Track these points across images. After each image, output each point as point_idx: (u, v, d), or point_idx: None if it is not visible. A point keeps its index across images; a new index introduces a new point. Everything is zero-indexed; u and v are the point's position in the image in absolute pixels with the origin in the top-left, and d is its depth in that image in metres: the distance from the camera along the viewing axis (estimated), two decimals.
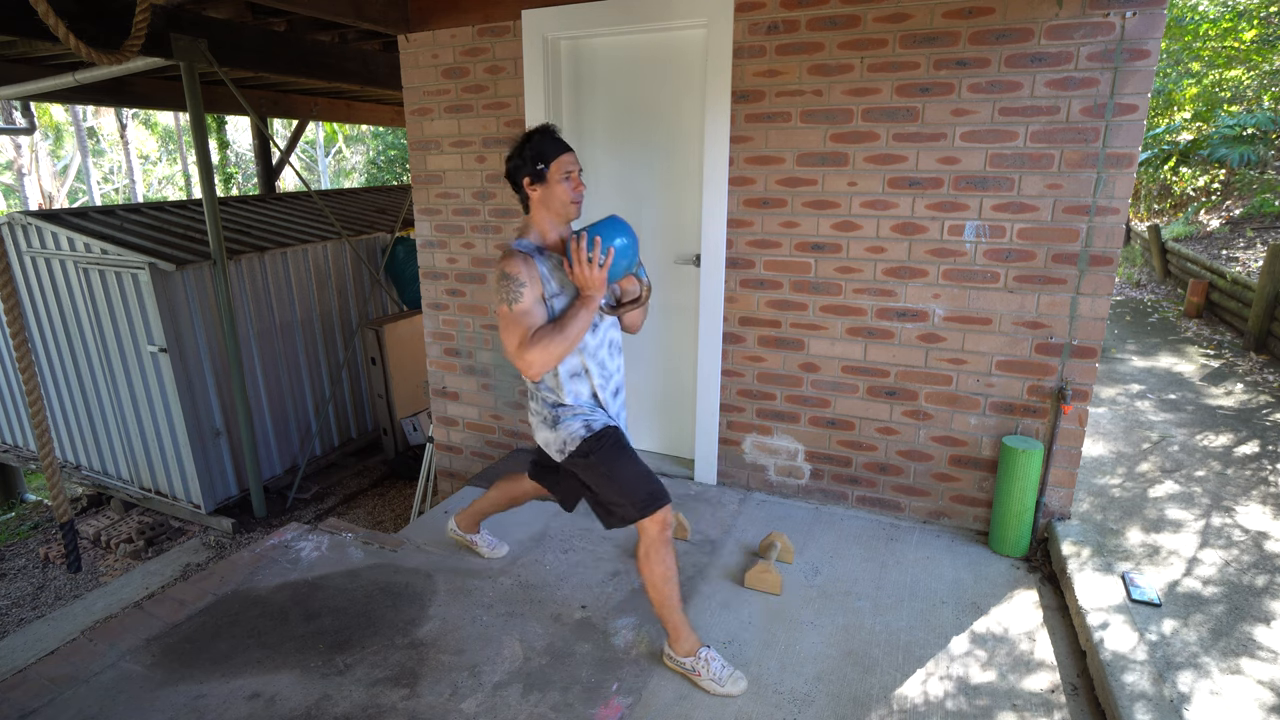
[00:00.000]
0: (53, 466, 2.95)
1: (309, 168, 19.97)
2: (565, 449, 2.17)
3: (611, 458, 2.12)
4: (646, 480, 2.12)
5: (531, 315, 1.99)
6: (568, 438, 2.15)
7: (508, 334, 2.00)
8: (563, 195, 2.07)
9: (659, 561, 2.10)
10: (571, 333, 1.97)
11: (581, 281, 1.98)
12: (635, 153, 3.43)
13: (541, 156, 2.04)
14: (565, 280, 2.08)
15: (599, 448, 2.13)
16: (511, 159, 2.09)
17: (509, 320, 1.99)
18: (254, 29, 4.65)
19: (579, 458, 2.15)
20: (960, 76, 2.66)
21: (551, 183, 2.06)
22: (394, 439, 6.00)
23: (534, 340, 1.96)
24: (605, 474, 2.12)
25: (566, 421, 2.15)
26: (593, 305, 2.00)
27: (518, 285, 1.98)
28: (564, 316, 2.00)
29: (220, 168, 13.05)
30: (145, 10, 2.51)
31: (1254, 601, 2.59)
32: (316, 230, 6.17)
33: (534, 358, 1.96)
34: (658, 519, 2.09)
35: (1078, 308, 2.69)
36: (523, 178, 2.07)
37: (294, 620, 2.44)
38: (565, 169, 2.06)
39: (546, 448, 2.23)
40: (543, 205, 2.09)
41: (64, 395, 5.58)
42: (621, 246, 2.00)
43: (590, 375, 2.17)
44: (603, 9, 3.14)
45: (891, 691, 2.13)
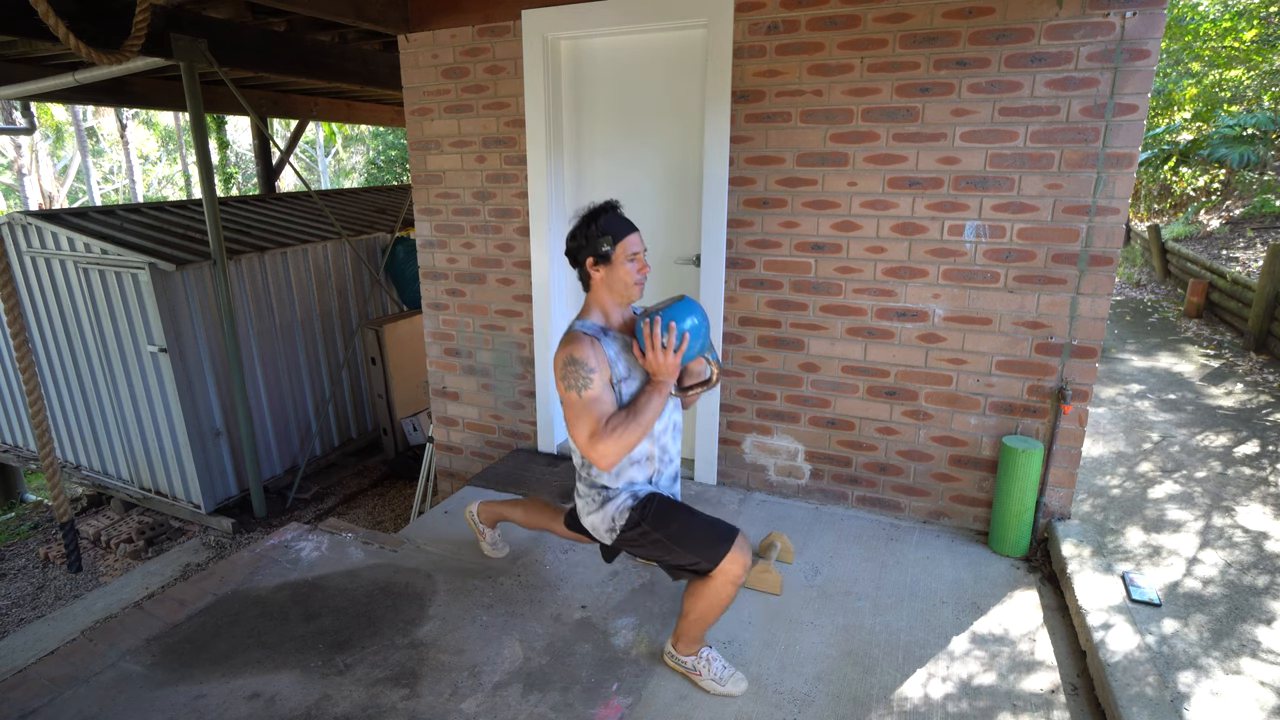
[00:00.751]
0: (53, 466, 2.95)
1: (309, 168, 19.97)
2: (615, 526, 2.09)
3: (663, 519, 2.03)
4: (708, 528, 2.01)
5: (602, 402, 1.91)
6: (615, 514, 2.08)
7: (578, 423, 1.91)
8: (627, 277, 2.00)
9: (722, 598, 2.00)
10: (645, 420, 1.90)
11: (654, 368, 1.92)
12: (635, 153, 3.43)
13: (607, 237, 1.97)
14: (633, 362, 2.01)
15: (647, 514, 2.04)
16: (574, 238, 2.02)
17: (579, 408, 1.90)
18: (254, 29, 4.66)
19: (630, 530, 2.06)
20: (960, 76, 2.66)
21: (616, 264, 1.99)
22: (394, 439, 6.00)
23: (607, 431, 1.88)
24: (663, 539, 2.01)
25: (614, 499, 2.09)
26: (665, 391, 1.93)
27: (586, 371, 1.89)
28: (636, 404, 1.92)
29: (220, 168, 13.06)
30: (145, 10, 2.52)
31: (1254, 601, 2.59)
32: (316, 230, 6.17)
33: (608, 449, 1.88)
34: (736, 560, 1.96)
35: (1078, 308, 2.69)
36: (586, 258, 2.00)
37: (294, 620, 2.44)
38: (631, 250, 1.99)
39: (595, 531, 2.15)
40: (605, 286, 2.02)
41: (64, 395, 5.58)
42: (694, 328, 1.92)
43: (653, 461, 2.11)
44: (603, 9, 3.14)
45: (891, 691, 2.13)
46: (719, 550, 1.96)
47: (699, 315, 1.94)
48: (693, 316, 1.92)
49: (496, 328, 3.83)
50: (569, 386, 1.92)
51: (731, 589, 1.99)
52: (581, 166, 3.57)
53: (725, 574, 1.97)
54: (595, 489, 2.11)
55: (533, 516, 2.61)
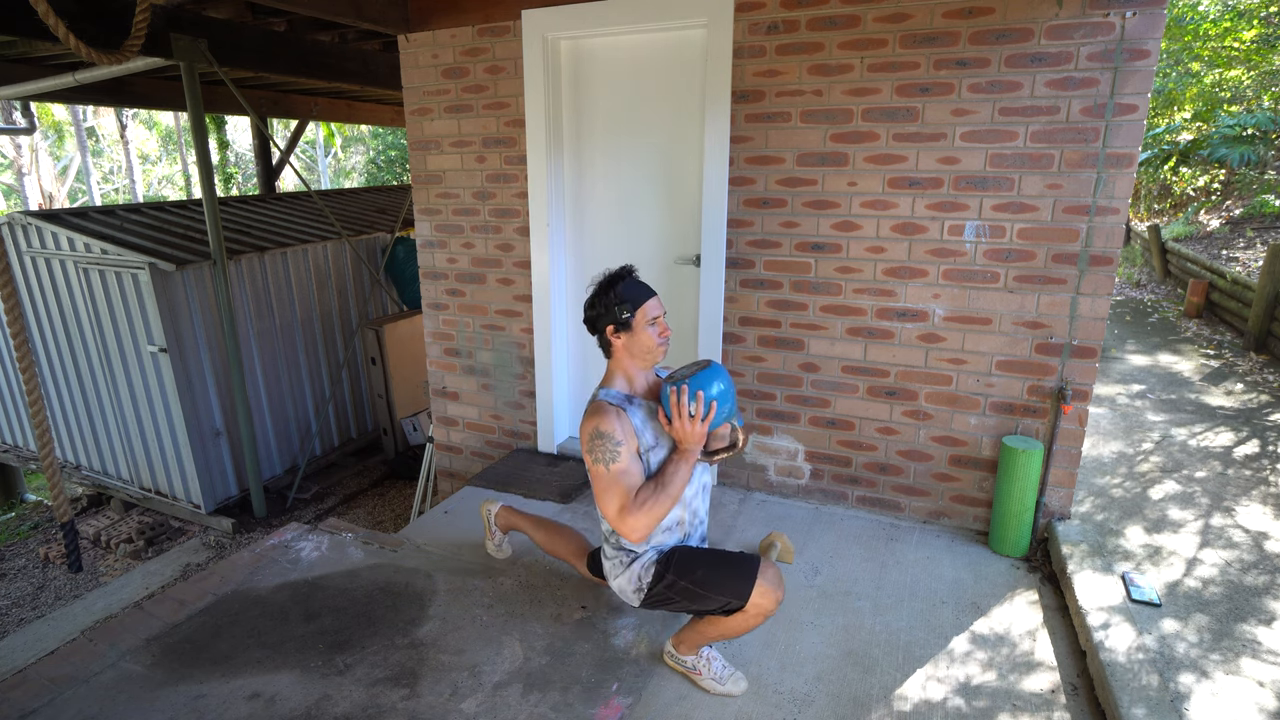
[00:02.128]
0: (53, 466, 2.95)
1: (309, 168, 19.97)
2: (641, 585, 2.08)
3: (687, 567, 2.01)
4: (733, 567, 1.99)
5: (630, 475, 1.90)
6: (641, 571, 2.07)
7: (607, 497, 1.90)
8: (649, 342, 2.00)
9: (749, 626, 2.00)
10: (674, 491, 1.89)
11: (681, 437, 1.90)
12: (635, 153, 3.43)
13: (626, 304, 1.97)
14: (660, 431, 2.00)
15: (671, 564, 2.03)
16: (593, 305, 2.02)
17: (607, 482, 1.90)
18: (254, 29, 4.65)
19: (656, 584, 2.05)
20: (960, 76, 2.66)
21: (638, 330, 1.99)
22: (394, 439, 6.00)
23: (637, 504, 1.87)
24: (689, 587, 2.00)
25: (640, 558, 2.08)
26: (693, 459, 1.92)
27: (614, 444, 1.88)
28: (664, 475, 1.91)
29: (220, 168, 13.06)
30: (145, 10, 2.52)
31: (1254, 601, 2.59)
32: (316, 230, 6.17)
33: (638, 523, 1.87)
34: (767, 594, 1.95)
35: (1078, 308, 2.69)
36: (605, 325, 2.00)
37: (294, 620, 2.44)
38: (651, 315, 1.99)
39: (623, 595, 2.14)
40: (627, 352, 2.02)
41: (64, 395, 5.58)
42: (720, 395, 1.91)
43: (683, 525, 2.10)
44: (603, 9, 3.14)
45: (891, 691, 2.13)
46: (746, 587, 1.94)
47: (725, 380, 1.93)
48: (719, 382, 1.91)
49: (496, 328, 3.83)
50: (596, 460, 1.90)
51: (759, 620, 1.99)
52: (581, 166, 3.57)
53: (757, 608, 1.96)
54: (622, 552, 2.10)
55: (555, 544, 2.58)
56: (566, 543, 2.56)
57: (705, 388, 1.88)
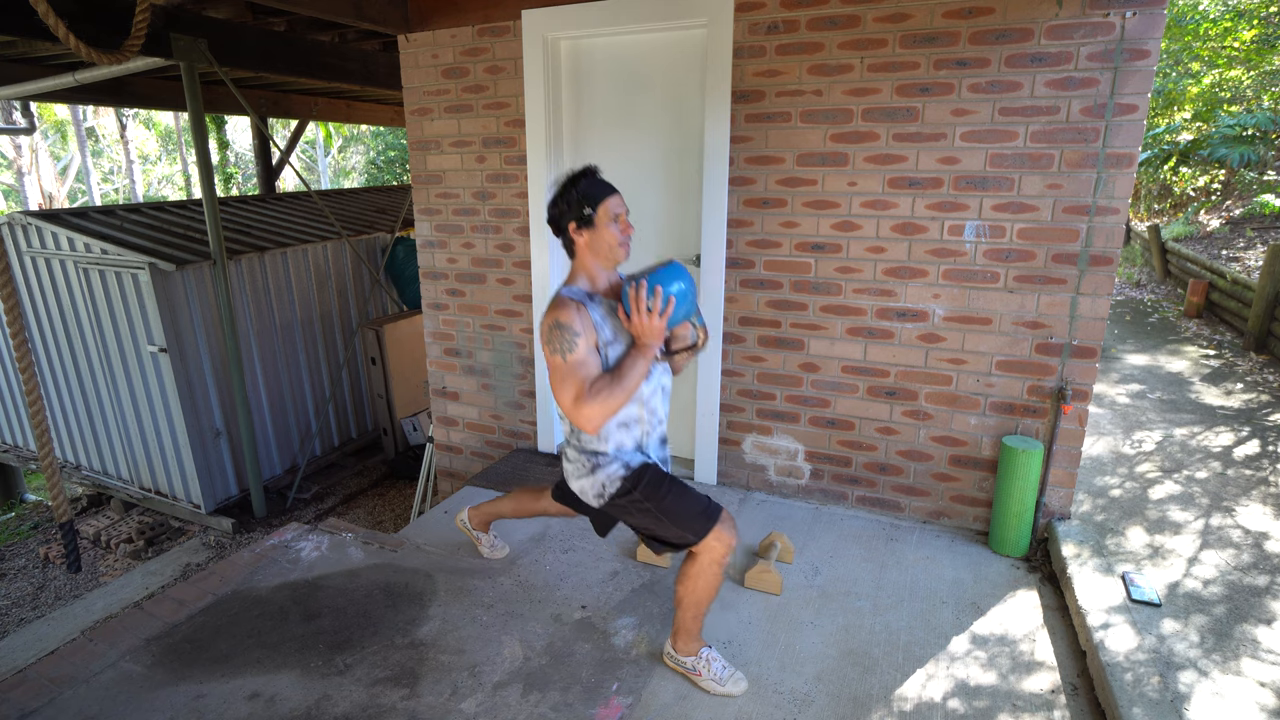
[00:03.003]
0: (53, 466, 2.95)
1: (309, 168, 19.97)
2: (605, 492, 2.09)
3: (654, 491, 2.04)
4: (696, 502, 2.04)
5: (587, 366, 1.90)
6: (606, 480, 2.07)
7: (562, 387, 1.91)
8: (611, 239, 1.99)
9: (709, 582, 2.03)
10: (630, 383, 1.89)
11: (639, 331, 1.90)
12: (635, 152, 3.43)
13: (589, 200, 1.96)
14: (619, 327, 2.00)
15: (639, 483, 2.05)
16: (555, 204, 2.00)
17: (563, 372, 1.90)
18: (254, 29, 4.65)
19: (620, 498, 2.07)
20: (960, 76, 2.66)
21: (600, 227, 1.98)
22: (394, 439, 6.00)
23: (592, 394, 1.87)
24: (652, 509, 2.03)
25: (605, 466, 2.07)
26: (650, 354, 1.93)
27: (571, 335, 1.89)
28: (621, 367, 1.92)
29: (220, 168, 13.05)
30: (145, 10, 2.52)
31: (1254, 602, 2.59)
32: (316, 230, 6.17)
33: (592, 412, 1.87)
34: (720, 539, 2.00)
35: (1078, 308, 2.69)
36: (568, 223, 1.99)
37: (294, 620, 2.44)
38: (613, 212, 1.98)
39: (583, 495, 2.14)
40: (590, 250, 2.01)
41: (64, 395, 5.58)
42: (680, 293, 1.91)
43: (641, 423, 2.10)
44: (603, 9, 3.14)
45: (891, 691, 2.13)
46: (705, 526, 1.99)
47: (685, 280, 1.94)
48: (679, 281, 1.92)
49: (496, 328, 3.83)
50: (554, 350, 1.92)
51: (717, 569, 2.02)
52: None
53: (710, 551, 2.00)
54: (585, 454, 2.10)
55: (521, 503, 2.61)
56: (527, 496, 2.59)
57: (664, 283, 1.89)
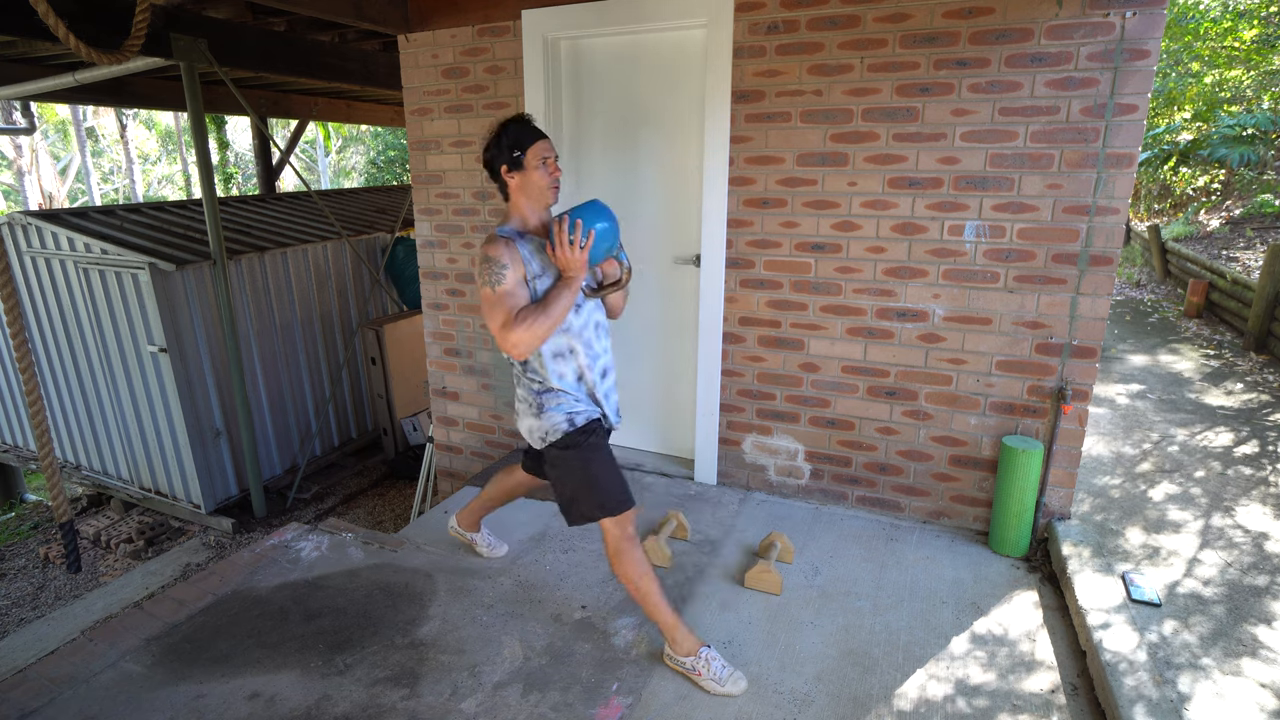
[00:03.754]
0: (53, 466, 2.95)
1: (309, 168, 19.97)
2: (547, 438, 2.18)
3: (589, 456, 2.15)
4: (616, 482, 2.16)
5: (514, 296, 2.01)
6: (550, 428, 2.16)
7: (491, 315, 2.02)
8: (540, 181, 2.10)
9: (630, 559, 2.13)
10: (555, 312, 2.00)
11: (563, 263, 2.01)
12: (635, 152, 3.43)
13: (517, 144, 2.08)
14: (547, 262, 2.10)
15: (579, 442, 2.15)
16: (488, 149, 2.13)
17: (492, 302, 2.01)
18: (254, 29, 4.65)
19: (558, 448, 2.17)
20: (960, 76, 2.66)
21: (529, 169, 2.09)
22: (394, 439, 6.00)
23: (518, 320, 1.98)
24: (579, 468, 2.15)
25: (550, 411, 2.16)
26: (575, 286, 2.03)
27: (499, 267, 2.00)
28: (547, 297, 2.02)
29: (220, 168, 13.05)
30: (145, 10, 2.52)
31: (1254, 602, 2.59)
32: (316, 230, 6.17)
33: (518, 337, 1.98)
34: (621, 521, 2.13)
35: (1078, 308, 2.69)
36: (500, 166, 2.11)
37: (294, 620, 2.44)
38: (541, 155, 2.09)
39: (529, 435, 2.24)
40: (521, 192, 2.13)
41: (64, 395, 5.58)
42: (602, 230, 2.03)
43: (577, 355, 2.18)
44: (603, 9, 3.14)
45: (891, 691, 2.13)
46: (615, 508, 2.12)
47: (608, 219, 2.05)
48: (601, 219, 2.03)
49: None
50: (484, 282, 2.02)
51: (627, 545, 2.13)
52: (581, 166, 3.57)
53: (610, 534, 2.14)
54: (532, 392, 2.19)
55: (499, 486, 2.69)
56: (505, 474, 2.68)
57: (586, 219, 2.00)
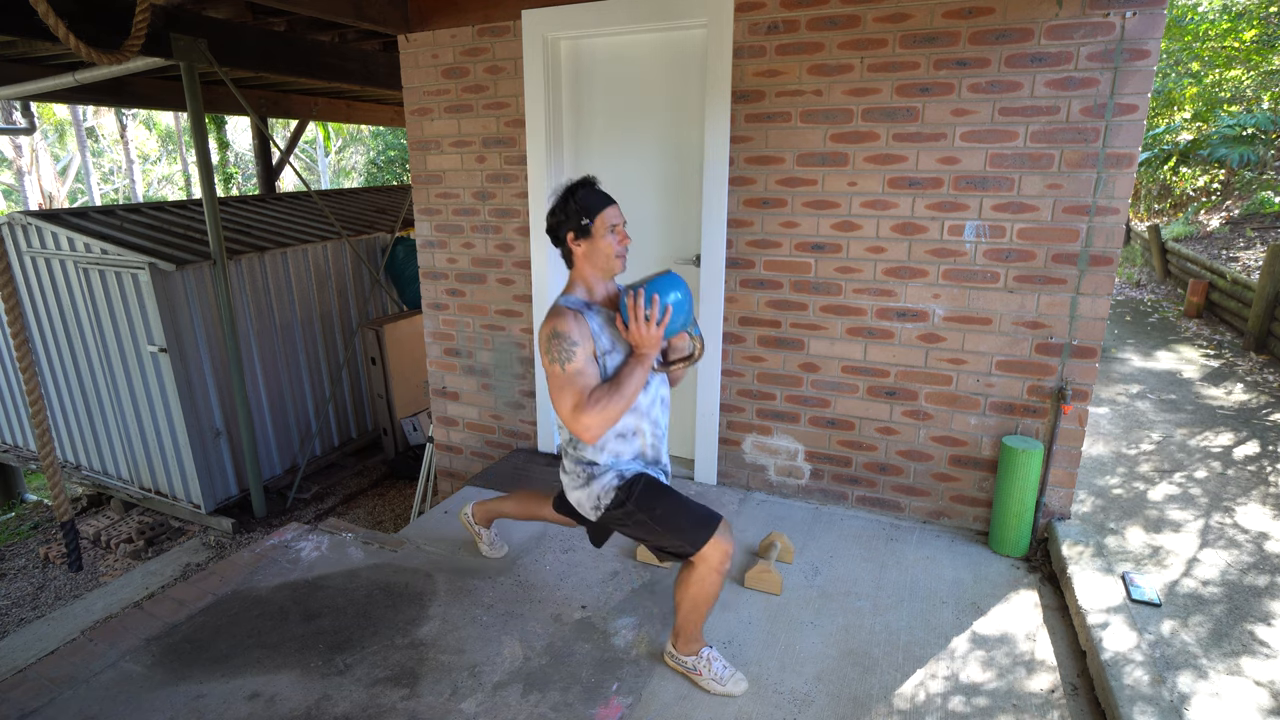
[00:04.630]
0: (53, 466, 2.95)
1: (309, 168, 19.96)
2: (600, 504, 2.09)
3: (649, 501, 2.04)
4: (692, 511, 2.03)
5: (585, 375, 1.92)
6: (601, 492, 2.08)
7: (561, 396, 1.92)
8: (608, 249, 2.01)
9: (708, 588, 2.02)
10: (628, 392, 1.91)
11: (637, 340, 1.92)
12: (635, 152, 3.43)
13: (586, 211, 1.99)
14: (617, 336, 2.01)
15: (633, 494, 2.05)
16: (554, 214, 2.03)
17: (562, 381, 1.91)
18: (254, 29, 4.65)
19: (615, 509, 2.07)
20: (960, 76, 2.66)
21: (597, 237, 2.00)
22: (394, 439, 6.00)
23: (591, 403, 1.88)
24: (647, 520, 2.03)
25: (600, 477, 2.09)
26: (648, 363, 1.94)
27: (569, 344, 1.90)
28: (619, 376, 1.93)
29: (220, 168, 13.04)
30: (145, 10, 2.52)
31: (1254, 602, 2.59)
32: (316, 230, 6.17)
33: (591, 421, 1.88)
34: (718, 547, 1.98)
35: (1078, 308, 2.69)
36: (566, 233, 2.01)
37: (294, 620, 2.44)
38: (610, 222, 2.01)
39: (580, 508, 2.15)
40: (587, 260, 2.04)
41: (64, 395, 5.58)
42: (677, 303, 1.93)
43: (641, 436, 2.10)
44: (603, 9, 3.14)
45: (891, 691, 2.13)
46: (702, 536, 1.98)
47: (682, 289, 1.96)
48: (676, 290, 1.94)
49: (496, 328, 3.83)
50: (553, 360, 1.93)
51: (716, 577, 2.01)
52: (581, 166, 3.57)
53: (707, 561, 1.99)
54: (581, 465, 2.11)
55: (524, 506, 2.63)
56: (531, 500, 2.60)
57: (661, 292, 1.91)
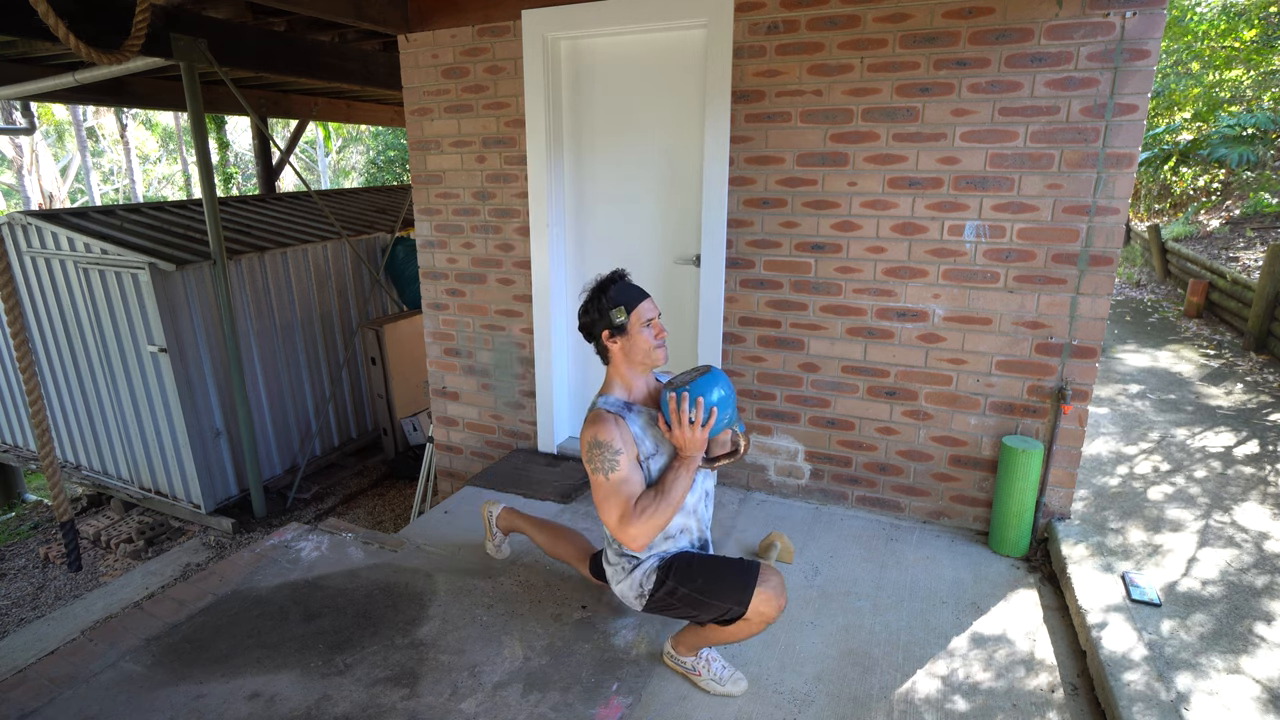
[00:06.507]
0: (53, 466, 2.95)
1: (309, 168, 19.96)
2: (644, 591, 2.06)
3: (688, 574, 1.99)
4: (733, 572, 1.96)
5: (630, 483, 1.88)
6: (643, 578, 2.05)
7: (607, 506, 1.89)
8: (646, 344, 1.97)
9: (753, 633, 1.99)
10: (675, 499, 1.87)
11: (681, 443, 1.88)
12: (635, 153, 3.43)
13: (620, 306, 1.95)
14: (660, 437, 1.98)
15: (671, 571, 2.01)
16: (586, 312, 2.00)
17: (607, 491, 1.89)
18: (254, 29, 4.65)
19: (658, 591, 2.03)
20: (960, 76, 2.66)
21: (633, 333, 1.96)
22: (394, 439, 6.00)
23: (638, 513, 1.85)
24: (690, 594, 1.98)
25: (642, 565, 2.06)
26: (693, 466, 1.90)
27: (612, 453, 1.87)
28: (665, 482, 1.89)
29: (220, 168, 13.05)
30: (145, 10, 2.52)
31: (1253, 601, 2.59)
32: (316, 230, 6.17)
33: (639, 532, 1.85)
34: (767, 600, 1.91)
35: (1078, 308, 2.69)
36: (601, 330, 1.98)
37: (294, 620, 2.44)
38: (645, 317, 1.97)
39: (625, 600, 2.14)
40: (625, 357, 2.00)
41: (64, 395, 5.58)
42: (721, 401, 1.88)
43: (689, 534, 2.08)
44: (603, 9, 3.14)
45: (891, 691, 2.13)
46: (746, 595, 1.92)
47: (725, 386, 1.90)
48: (719, 388, 1.88)
49: (496, 328, 3.83)
50: (595, 470, 1.89)
51: (761, 627, 1.97)
52: (581, 166, 3.57)
53: (759, 615, 1.93)
54: (624, 558, 2.09)
55: (558, 547, 2.56)
56: (569, 545, 2.55)
57: (705, 393, 1.85)
